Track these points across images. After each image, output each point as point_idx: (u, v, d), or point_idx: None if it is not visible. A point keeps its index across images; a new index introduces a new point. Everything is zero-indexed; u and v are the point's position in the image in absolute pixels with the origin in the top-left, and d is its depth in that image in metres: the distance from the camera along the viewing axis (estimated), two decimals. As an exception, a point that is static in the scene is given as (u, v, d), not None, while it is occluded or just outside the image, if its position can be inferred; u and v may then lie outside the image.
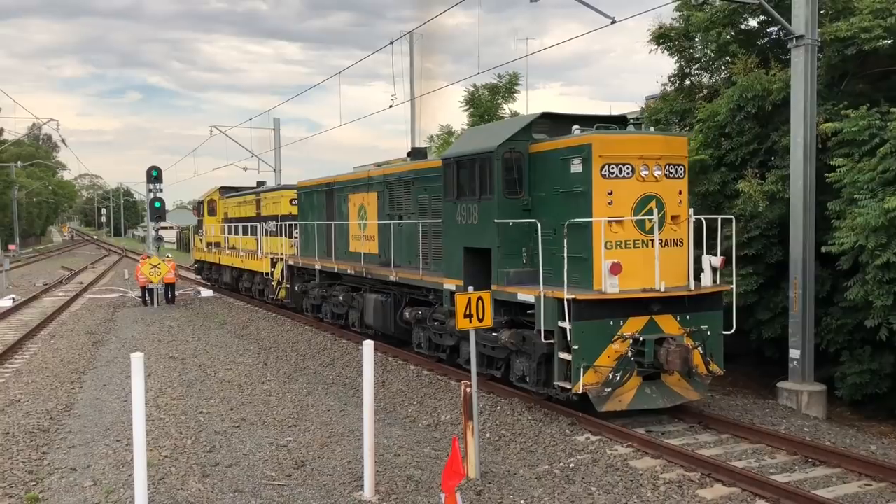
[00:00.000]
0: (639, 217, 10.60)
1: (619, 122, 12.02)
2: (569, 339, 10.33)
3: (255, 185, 31.99)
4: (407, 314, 15.47)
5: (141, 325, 21.94)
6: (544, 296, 10.58)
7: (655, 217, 10.56)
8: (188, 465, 9.24)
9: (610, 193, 10.54)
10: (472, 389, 8.83)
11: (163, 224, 31.39)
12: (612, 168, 10.54)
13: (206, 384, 13.80)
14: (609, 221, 10.49)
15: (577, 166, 10.82)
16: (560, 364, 10.63)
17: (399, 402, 12.55)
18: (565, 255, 10.46)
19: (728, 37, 15.43)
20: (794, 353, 12.78)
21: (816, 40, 12.67)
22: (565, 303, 10.34)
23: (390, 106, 25.33)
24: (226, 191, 33.69)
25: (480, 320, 9.13)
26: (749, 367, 15.75)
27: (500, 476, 8.94)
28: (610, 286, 10.36)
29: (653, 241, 10.55)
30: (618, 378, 10.30)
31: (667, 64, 16.33)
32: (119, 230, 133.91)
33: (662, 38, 16.59)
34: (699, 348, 10.71)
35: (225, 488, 8.45)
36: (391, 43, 22.96)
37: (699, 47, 16.34)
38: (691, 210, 11.13)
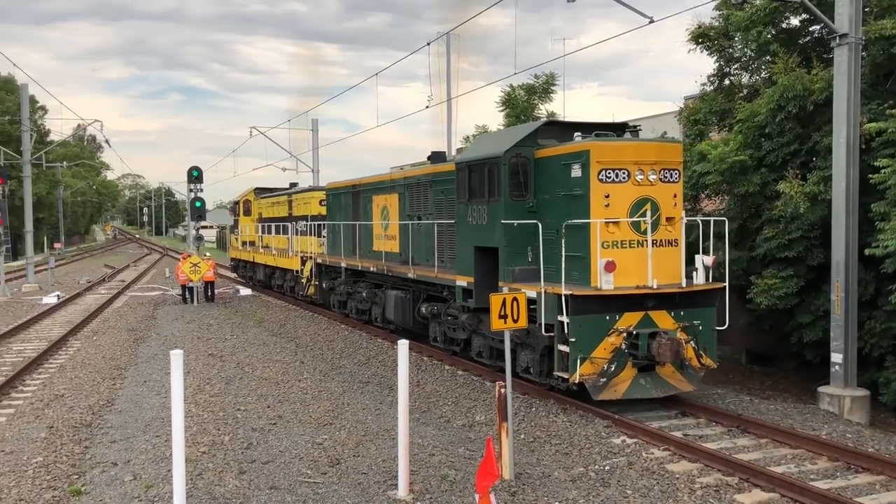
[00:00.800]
0: (634, 219, 11.36)
1: (618, 129, 12.60)
2: (566, 332, 11.09)
3: (287, 186, 33.06)
4: (423, 309, 16.22)
5: (181, 322, 22.26)
6: (545, 292, 11.34)
7: (648, 219, 11.34)
8: (225, 461, 9.34)
9: (607, 196, 11.32)
10: (506, 390, 8.80)
11: (203, 223, 31.82)
12: (609, 173, 11.35)
13: (244, 381, 13.95)
14: (606, 223, 11.28)
15: (576, 171, 11.64)
16: (559, 355, 11.43)
17: (434, 401, 12.56)
18: (563, 253, 11.21)
19: (769, 36, 15.17)
20: (836, 358, 12.51)
21: (860, 38, 12.39)
22: (563, 298, 11.15)
23: (426, 106, 25.39)
24: (260, 192, 34.77)
25: (515, 321, 9.10)
26: (789, 371, 15.47)
27: (534, 477, 8.89)
28: (605, 283, 11.15)
29: (647, 241, 11.33)
30: (612, 369, 11.04)
31: (706, 64, 16.13)
32: (160, 229, 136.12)
33: (701, 37, 16.37)
34: (691, 342, 11.38)
35: (261, 485, 8.53)
36: (428, 44, 23.02)
37: (739, 47, 16.10)
38: (683, 213, 11.82)
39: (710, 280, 11.94)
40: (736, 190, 14.76)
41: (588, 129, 12.48)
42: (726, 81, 16.86)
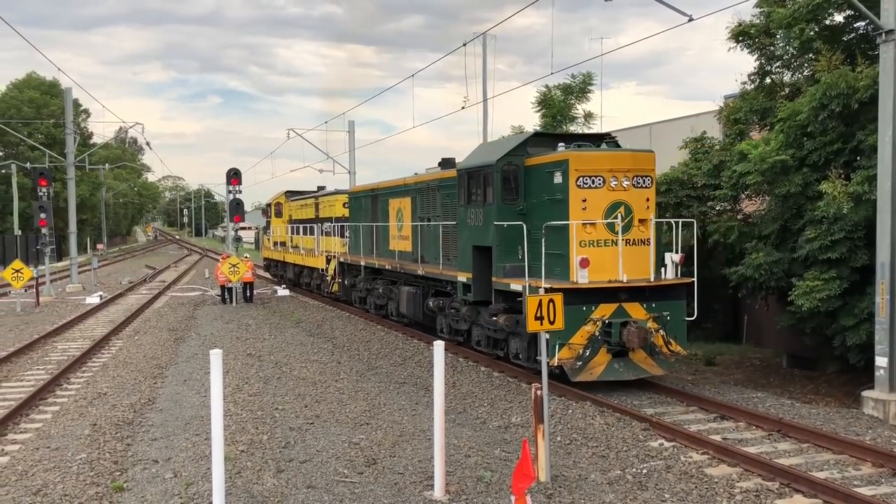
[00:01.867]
0: (608, 220, 13.14)
1: (600, 139, 14.58)
2: None
3: (315, 188, 34.96)
4: (431, 303, 17.95)
5: (220, 322, 22.58)
6: (529, 285, 13.05)
7: (619, 220, 13.11)
8: (263, 460, 9.46)
9: (584, 200, 13.11)
10: (542, 392, 8.79)
11: (242, 225, 32.29)
12: (586, 179, 13.15)
13: (282, 381, 14.11)
14: (583, 224, 13.04)
15: (558, 178, 13.45)
16: (544, 343, 12.29)
17: (469, 402, 12.58)
18: (543, 251, 12.93)
19: (811, 33, 14.90)
20: (881, 361, 12.26)
21: (907, 35, 12.12)
22: (542, 291, 12.50)
23: (462, 107, 25.42)
24: (291, 194, 36.66)
25: (552, 323, 9.09)
26: (831, 375, 15.19)
27: (570, 480, 8.86)
28: (581, 278, 12.87)
29: (619, 240, 13.16)
30: (587, 354, 12.72)
31: (746, 62, 15.89)
32: (200, 230, 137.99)
33: (742, 35, 16.14)
34: (661, 331, 12.96)
35: (299, 484, 8.62)
36: (464, 45, 23.05)
37: (780, 44, 15.84)
38: (652, 216, 13.44)
39: (679, 275, 13.61)
40: (777, 190, 14.54)
41: (573, 140, 14.55)
42: (767, 80, 16.61)
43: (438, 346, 8.43)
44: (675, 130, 20.62)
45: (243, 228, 43.60)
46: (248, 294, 27.95)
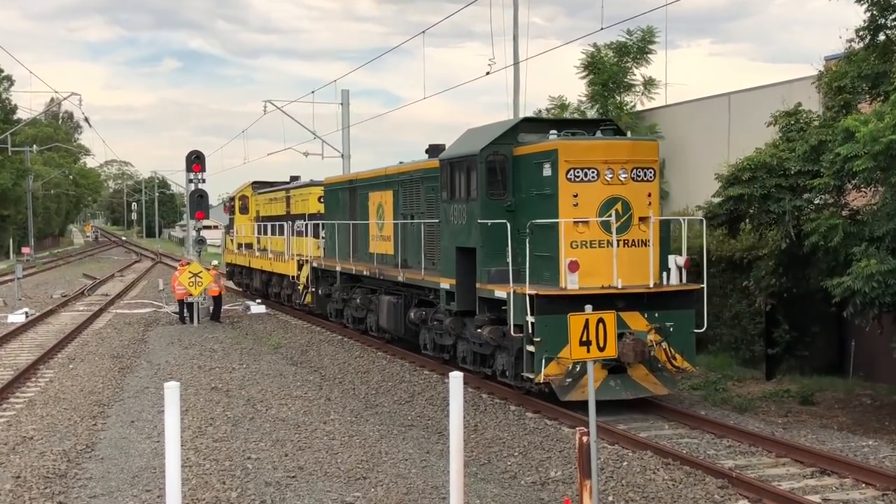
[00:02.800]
0: (602, 219, 14.03)
1: (593, 126, 15.60)
2: (532, 332, 13.98)
3: (288, 179, 35.23)
4: (412, 315, 18.93)
5: (177, 347, 22.70)
6: (514, 292, 14.21)
7: (613, 219, 14.09)
8: (232, 523, 9.50)
9: (575, 196, 14.19)
10: (589, 438, 8.76)
11: (206, 223, 32.46)
12: (578, 172, 14.22)
13: (256, 423, 14.14)
14: (575, 222, 14.07)
15: (547, 170, 14.50)
16: (528, 356, 14.26)
17: (495, 451, 12.57)
18: (527, 253, 14.05)
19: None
20: None
21: None
22: (526, 298, 14.04)
23: (487, 73, 25.45)
24: (259, 186, 36.92)
25: (601, 349, 9.07)
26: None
27: (625, 552, 8.82)
28: (570, 283, 13.90)
29: (619, 241, 14.22)
30: (577, 369, 13.54)
31: (853, 13, 15.77)
32: (153, 230, 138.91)
33: (848, -22, 16.04)
34: (663, 344, 13.95)
35: (277, 554, 8.64)
36: (489, -8, 23.14)
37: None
38: (651, 213, 14.30)
39: (684, 281, 14.71)
40: (893, 179, 14.41)
41: (569, 126, 15.51)
42: (881, 36, 16.48)
43: (455, 379, 8.43)
44: (760, 102, 20.53)
45: (207, 228, 43.71)
46: (215, 311, 28.11)
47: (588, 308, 9.31)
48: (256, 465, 11.75)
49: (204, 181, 30.41)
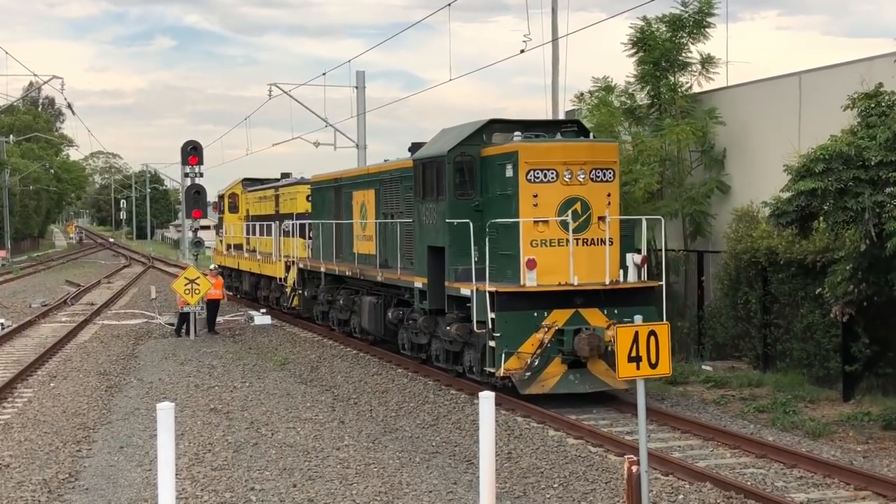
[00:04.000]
0: (561, 218, 16.59)
1: (556, 127, 18.25)
2: (492, 327, 16.51)
3: (279, 176, 37.44)
4: (390, 314, 21.39)
5: (172, 363, 22.83)
6: (477, 289, 16.75)
7: (570, 218, 16.62)
8: (233, 563, 9.53)
9: (535, 196, 16.71)
10: (640, 468, 8.73)
11: (204, 222, 32.66)
12: (537, 173, 16.76)
13: (260, 449, 14.21)
14: (535, 221, 16.63)
15: (509, 171, 17.12)
16: (490, 351, 16.71)
17: (532, 482, 12.55)
18: (487, 251, 16.48)
19: None
20: None
21: None
22: (486, 295, 16.44)
23: (522, 51, 25.40)
24: (250, 183, 38.82)
25: (653, 366, 9.04)
26: None
27: None
28: (529, 280, 16.56)
29: (578, 239, 16.78)
30: (536, 363, 16.26)
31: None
32: (144, 230, 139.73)
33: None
34: None
35: None
36: (524, -41, 23.20)
37: None
38: (607, 212, 16.85)
39: (643, 278, 17.23)
40: None
41: (537, 127, 18.21)
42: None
43: (486, 399, 8.43)
44: (836, 82, 20.35)
45: (205, 228, 44.22)
46: (210, 319, 28.42)
47: (638, 319, 9.31)
48: (261, 496, 11.79)
49: (201, 175, 30.44)
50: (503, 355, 16.33)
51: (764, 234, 19.45)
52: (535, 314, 16.55)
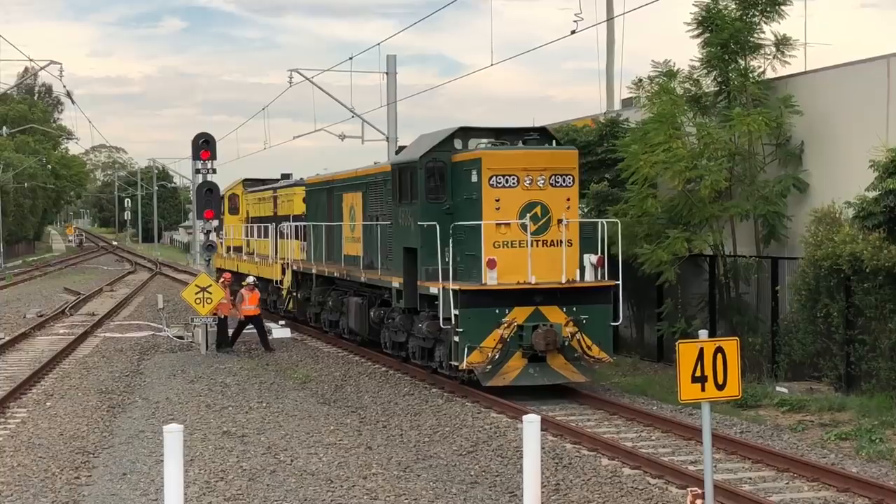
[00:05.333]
0: (521, 221, 19.71)
1: (521, 134, 21.41)
2: (456, 323, 19.59)
3: (279, 177, 40.54)
4: (372, 314, 24.83)
5: (181, 380, 22.99)
6: (443, 288, 19.92)
7: (528, 221, 19.66)
8: None
9: (497, 200, 19.88)
10: (704, 503, 8.68)
11: (217, 224, 32.89)
12: (500, 179, 19.92)
13: (278, 477, 14.26)
14: (497, 224, 19.75)
15: (474, 177, 20.26)
16: (454, 345, 19.85)
17: (583, 517, 12.50)
18: (450, 252, 19.94)
19: None
20: None
21: None
22: (449, 292, 19.59)
23: (573, 32, 25.35)
24: (251, 184, 41.77)
25: (721, 387, 8.99)
26: None
27: None
28: (490, 279, 19.62)
29: (537, 241, 19.83)
30: (497, 357, 19.36)
31: None
32: (151, 232, 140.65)
33: None
34: (578, 335, 19.73)
35: None
36: (574, -72, 23.13)
37: None
38: (564, 216, 20.00)
39: (600, 278, 20.42)
40: None
41: (507, 135, 21.62)
42: None
43: (531, 423, 8.42)
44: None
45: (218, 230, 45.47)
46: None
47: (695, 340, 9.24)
48: (278, 531, 11.81)
49: (214, 171, 30.61)
50: (466, 349, 19.50)
51: (847, 239, 19.25)
52: (497, 311, 19.62)
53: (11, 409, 20.08)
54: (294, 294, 31.79)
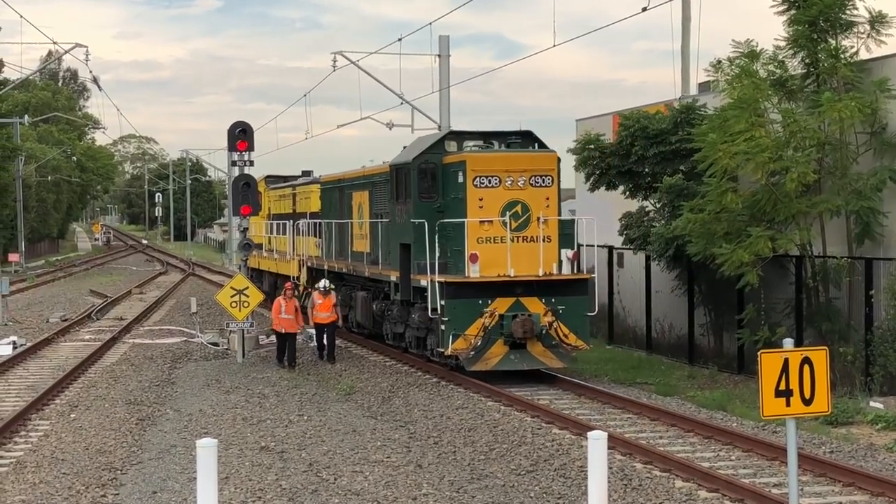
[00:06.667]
0: (503, 218, 23.38)
1: (517, 136, 25.33)
2: (442, 313, 23.18)
3: (300, 174, 43.62)
4: (375, 307, 28.50)
5: (215, 391, 23.15)
6: (431, 280, 23.38)
7: (508, 218, 23.37)
8: None
9: (481, 199, 23.55)
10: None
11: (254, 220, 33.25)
12: (483, 179, 23.66)
13: (321, 497, 14.31)
14: (480, 221, 23.38)
15: (460, 178, 23.94)
16: (441, 333, 23.46)
17: (655, 544, 12.45)
18: (435, 246, 23.38)
19: None
20: None
21: None
22: (436, 284, 23.17)
23: (644, 9, 25.27)
24: (273, 180, 44.45)
25: (807, 402, 8.92)
26: None
27: None
28: (472, 272, 23.19)
29: (517, 237, 23.53)
30: (479, 344, 22.95)
31: None
32: (183, 230, 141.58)
33: None
34: (555, 324, 23.27)
35: None
36: None
37: None
38: (541, 214, 23.70)
39: (574, 271, 24.08)
40: None
41: (493, 138, 25.56)
42: None
43: (596, 440, 8.39)
44: None
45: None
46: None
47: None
48: (320, 556, 11.85)
49: (252, 164, 30.76)
50: (451, 337, 23.03)
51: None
52: (480, 302, 23.17)
53: (33, 421, 20.32)
54: (309, 290, 33.83)
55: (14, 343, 30.66)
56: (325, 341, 28.07)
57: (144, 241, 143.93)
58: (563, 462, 16.34)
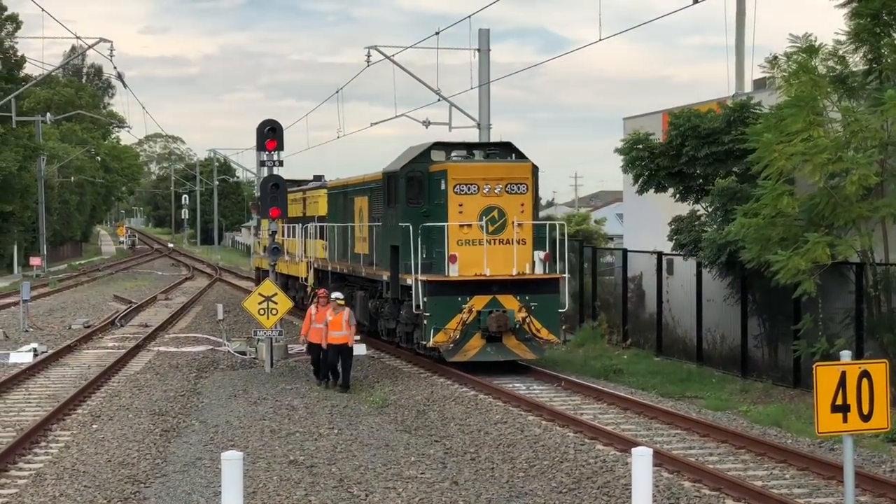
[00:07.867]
0: (480, 222, 27.01)
1: (498, 148, 29.85)
2: (422, 308, 26.79)
3: (311, 178, 47.08)
4: (370, 305, 32.23)
5: (242, 402, 23.24)
6: (415, 279, 26.78)
7: (484, 223, 26.97)
8: None
9: (461, 205, 27.15)
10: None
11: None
12: (462, 187, 27.18)
13: (351, 515, 14.30)
14: (460, 225, 26.95)
15: (443, 185, 27.45)
16: (423, 327, 26.98)
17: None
18: (419, 249, 26.82)
19: None
20: None
21: None
22: (419, 283, 26.66)
23: (695, 1, 25.19)
24: (287, 184, 43.77)
25: (866, 418, 8.86)
26: None
27: None
28: (452, 271, 26.72)
29: (493, 240, 27.13)
30: (458, 337, 26.42)
31: None
32: (211, 233, 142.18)
33: None
34: (528, 319, 26.69)
35: None
36: None
37: None
38: (515, 218, 27.23)
39: (546, 271, 27.60)
40: None
41: (476, 148, 30.12)
42: None
43: (641, 457, 8.37)
44: None
45: (257, 229, 48.70)
46: (344, 374, 25.58)
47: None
48: (351, 576, 11.87)
49: (281, 164, 30.82)
50: (432, 331, 26.48)
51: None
52: (459, 299, 26.59)
53: (54, 431, 20.45)
54: (315, 290, 35.66)
55: (35, 350, 30.93)
56: (337, 366, 25.66)
57: (170, 245, 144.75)
58: (607, 480, 16.30)
